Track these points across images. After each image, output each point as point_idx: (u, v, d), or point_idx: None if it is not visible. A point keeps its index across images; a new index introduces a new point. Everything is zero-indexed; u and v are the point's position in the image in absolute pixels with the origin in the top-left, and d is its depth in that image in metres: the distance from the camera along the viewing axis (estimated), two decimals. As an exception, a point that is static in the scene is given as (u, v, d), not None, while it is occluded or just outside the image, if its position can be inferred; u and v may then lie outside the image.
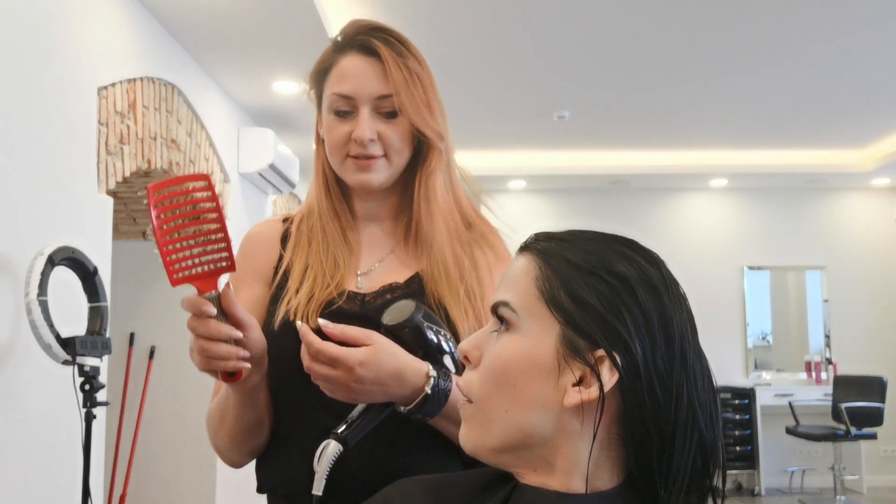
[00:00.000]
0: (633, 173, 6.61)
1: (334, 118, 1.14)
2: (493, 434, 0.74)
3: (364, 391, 0.95)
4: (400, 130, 1.13)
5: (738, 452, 6.56)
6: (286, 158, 4.74)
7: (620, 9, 3.64)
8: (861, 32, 3.95)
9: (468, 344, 0.77)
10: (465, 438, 0.77)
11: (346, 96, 1.12)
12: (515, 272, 0.76)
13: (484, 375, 0.74)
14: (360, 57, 1.14)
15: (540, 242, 0.77)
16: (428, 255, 1.14)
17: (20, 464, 2.22)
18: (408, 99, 1.12)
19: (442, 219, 1.16)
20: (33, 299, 2.03)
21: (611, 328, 0.71)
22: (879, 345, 7.01)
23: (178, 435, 3.96)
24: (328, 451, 0.93)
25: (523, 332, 0.73)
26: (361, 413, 0.97)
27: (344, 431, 0.95)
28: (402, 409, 0.99)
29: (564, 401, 0.71)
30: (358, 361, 0.93)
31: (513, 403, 0.72)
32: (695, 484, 0.73)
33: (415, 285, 1.13)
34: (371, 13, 3.64)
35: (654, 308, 0.72)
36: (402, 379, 0.96)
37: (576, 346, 0.71)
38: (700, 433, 0.72)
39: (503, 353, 0.73)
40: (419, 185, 1.16)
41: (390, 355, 0.96)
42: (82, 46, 2.62)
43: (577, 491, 0.73)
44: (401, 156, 1.15)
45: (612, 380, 0.70)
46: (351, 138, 1.12)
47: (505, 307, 0.74)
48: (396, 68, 1.12)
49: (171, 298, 4.05)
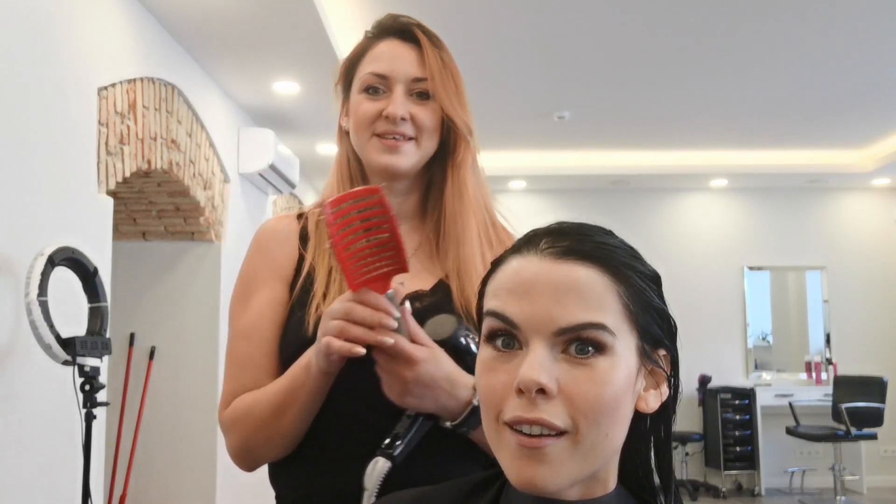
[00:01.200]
0: (633, 173, 6.62)
1: (364, 96, 1.13)
2: (590, 463, 0.68)
3: (418, 392, 0.95)
4: (431, 114, 1.12)
5: (738, 453, 6.56)
6: (286, 159, 4.74)
7: (620, 9, 3.64)
8: (861, 32, 3.95)
9: (545, 376, 0.65)
10: (552, 477, 0.66)
11: (380, 75, 1.12)
12: (586, 285, 0.68)
13: (590, 406, 0.66)
14: (397, 41, 1.14)
15: (585, 245, 0.70)
16: (456, 255, 1.12)
17: (20, 464, 2.22)
18: (441, 85, 1.12)
19: (473, 215, 1.14)
20: (33, 300, 2.03)
21: (667, 326, 0.73)
22: (879, 345, 7.01)
23: (178, 435, 3.96)
24: (378, 469, 0.92)
25: (618, 352, 0.67)
26: (407, 428, 0.96)
27: (392, 448, 0.94)
28: (449, 425, 0.98)
29: (646, 406, 0.72)
30: (421, 357, 0.94)
31: (613, 426, 0.68)
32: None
33: (440, 293, 1.11)
34: (371, 13, 3.64)
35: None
36: (453, 386, 0.96)
37: (645, 350, 0.71)
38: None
39: (614, 380, 0.67)
40: (451, 178, 1.15)
41: (446, 361, 0.97)
42: (82, 46, 2.62)
43: (593, 496, 0.72)
44: (430, 141, 1.13)
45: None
46: (381, 115, 1.11)
47: (602, 330, 0.67)
48: (433, 56, 1.13)
49: (171, 299, 4.05)
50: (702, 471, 6.85)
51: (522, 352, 0.68)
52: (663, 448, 0.75)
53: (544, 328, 0.67)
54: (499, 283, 0.71)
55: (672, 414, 0.74)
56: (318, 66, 3.73)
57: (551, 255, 0.69)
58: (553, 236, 0.71)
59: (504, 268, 0.72)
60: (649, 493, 0.76)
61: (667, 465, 0.75)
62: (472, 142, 1.16)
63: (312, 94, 4.20)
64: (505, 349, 0.69)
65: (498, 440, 0.69)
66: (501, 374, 0.68)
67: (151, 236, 4.06)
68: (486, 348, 0.71)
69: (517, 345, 0.69)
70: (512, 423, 0.67)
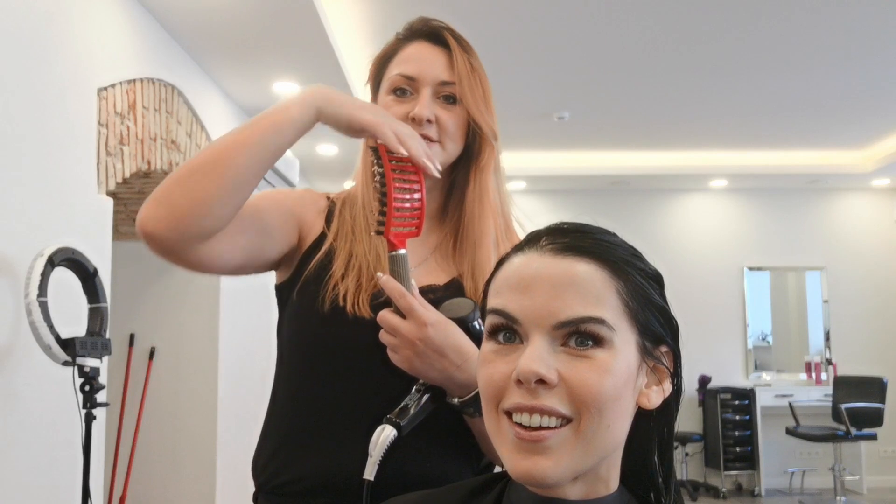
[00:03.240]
0: (633, 174, 6.62)
1: (393, 98, 1.15)
2: (591, 455, 0.68)
3: (426, 355, 0.96)
4: (456, 119, 1.13)
5: (738, 453, 6.56)
6: (286, 159, 4.74)
7: (620, 9, 3.65)
8: (861, 32, 3.95)
9: (543, 367, 0.66)
10: (552, 468, 0.67)
11: (409, 77, 1.13)
12: (585, 280, 0.69)
13: (591, 394, 0.67)
14: (427, 44, 1.16)
15: (585, 241, 0.72)
16: (472, 257, 1.14)
17: (20, 464, 2.22)
18: (469, 90, 1.13)
19: (492, 219, 1.16)
20: (33, 300, 2.03)
21: (669, 323, 0.73)
22: (879, 345, 7.01)
23: (178, 435, 3.96)
24: (384, 436, 0.92)
25: (616, 346, 0.68)
26: (416, 401, 0.96)
27: (400, 417, 0.94)
28: (457, 401, 0.98)
29: (648, 402, 0.72)
30: (431, 320, 0.95)
31: (615, 418, 0.68)
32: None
33: (454, 289, 1.12)
34: (370, 14, 3.64)
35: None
36: (463, 357, 0.96)
37: (646, 347, 0.72)
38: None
39: (613, 370, 0.67)
40: (473, 181, 1.16)
41: (458, 332, 0.98)
42: (82, 47, 2.62)
43: (595, 496, 0.73)
44: (455, 144, 1.15)
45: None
46: (408, 117, 1.12)
47: (601, 325, 0.68)
48: (462, 60, 1.14)
49: (171, 299, 4.05)
50: (702, 471, 6.85)
51: (523, 345, 0.69)
52: (665, 447, 0.76)
53: (544, 322, 0.68)
54: (501, 281, 0.73)
55: (675, 412, 0.75)
56: (318, 67, 3.73)
57: (551, 251, 0.71)
58: (554, 234, 0.73)
59: (506, 266, 0.74)
60: (650, 494, 0.76)
61: (668, 464, 0.76)
62: (496, 146, 1.18)
63: (312, 95, 4.20)
64: (506, 343, 0.70)
65: (498, 431, 0.70)
66: (501, 364, 0.69)
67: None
68: (487, 343, 0.72)
69: (518, 339, 0.70)
70: (511, 409, 0.67)
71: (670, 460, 0.76)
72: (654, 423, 0.75)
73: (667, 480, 0.76)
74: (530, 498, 0.71)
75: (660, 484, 0.75)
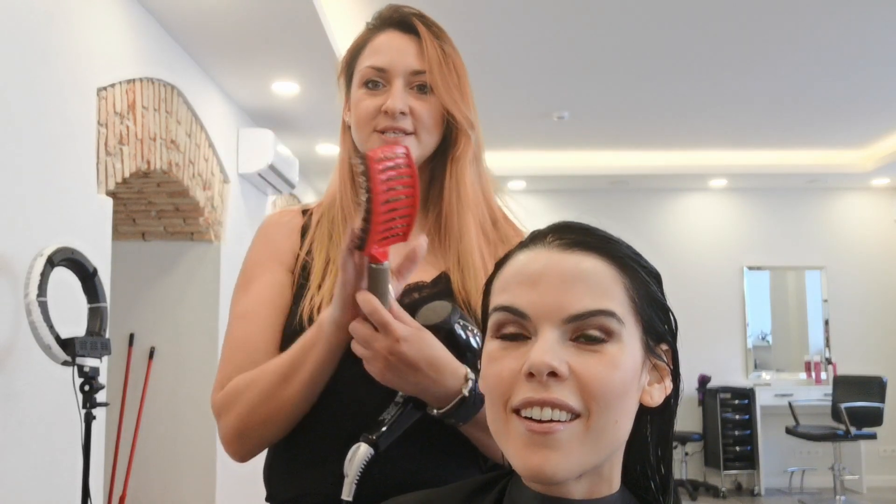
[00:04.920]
0: (632, 173, 6.62)
1: (364, 91, 1.11)
2: (599, 451, 0.68)
3: (398, 369, 0.92)
4: (431, 108, 1.10)
5: (737, 452, 6.56)
6: (285, 159, 4.74)
7: (620, 9, 3.64)
8: (861, 32, 3.95)
9: (556, 359, 0.66)
10: (562, 463, 0.66)
11: (379, 69, 1.10)
12: (594, 275, 0.69)
13: (601, 389, 0.67)
14: (397, 33, 1.13)
15: (591, 237, 0.72)
16: (456, 250, 1.11)
17: (20, 464, 2.22)
18: (440, 78, 1.10)
19: (471, 211, 1.12)
20: (33, 300, 2.03)
21: (669, 321, 0.74)
22: (879, 345, 7.01)
23: (178, 435, 3.96)
24: (359, 455, 0.90)
25: (625, 340, 0.69)
26: (393, 416, 0.94)
27: (375, 435, 0.92)
28: (437, 412, 0.95)
29: (650, 400, 0.72)
30: (404, 335, 0.91)
31: (622, 414, 0.68)
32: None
33: (442, 284, 1.09)
34: (370, 14, 3.64)
35: None
36: (438, 371, 0.93)
37: (649, 344, 0.72)
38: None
39: (623, 365, 0.68)
40: (449, 172, 1.13)
41: (433, 345, 0.94)
42: (82, 47, 2.62)
43: (598, 496, 0.72)
44: (430, 135, 1.11)
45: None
46: (381, 111, 1.08)
47: (611, 318, 0.68)
48: (433, 47, 1.10)
49: (171, 299, 4.05)
50: (701, 471, 6.85)
51: (531, 340, 0.69)
52: (664, 446, 0.76)
53: (554, 316, 0.68)
54: (507, 277, 0.72)
55: (674, 410, 0.75)
56: (318, 67, 3.73)
57: (558, 247, 0.71)
58: (559, 231, 0.73)
59: (511, 262, 0.73)
60: (650, 493, 0.76)
61: (667, 463, 0.76)
62: (473, 136, 1.14)
63: (312, 95, 4.20)
64: (512, 340, 0.70)
65: (505, 430, 0.69)
66: (509, 361, 0.69)
67: (151, 237, 4.06)
68: (492, 342, 0.71)
69: (525, 335, 0.69)
70: (522, 405, 0.67)
71: (669, 460, 0.76)
72: (654, 423, 0.75)
73: (666, 480, 0.76)
74: (533, 496, 0.71)
75: (658, 483, 0.75)
